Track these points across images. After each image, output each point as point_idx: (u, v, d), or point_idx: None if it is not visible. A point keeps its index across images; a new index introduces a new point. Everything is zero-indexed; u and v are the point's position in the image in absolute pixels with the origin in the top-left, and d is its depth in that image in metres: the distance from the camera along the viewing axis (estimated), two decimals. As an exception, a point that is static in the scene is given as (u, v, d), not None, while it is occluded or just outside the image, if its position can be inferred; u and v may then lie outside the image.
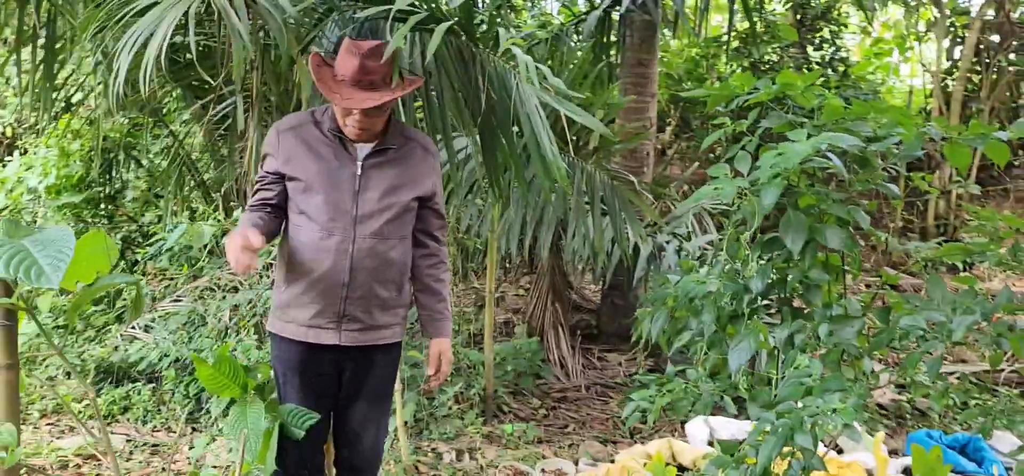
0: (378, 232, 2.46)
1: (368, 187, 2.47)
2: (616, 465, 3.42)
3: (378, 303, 2.51)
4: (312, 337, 2.48)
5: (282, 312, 2.53)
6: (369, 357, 2.58)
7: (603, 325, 6.54)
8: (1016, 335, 2.17)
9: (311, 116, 2.53)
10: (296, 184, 2.46)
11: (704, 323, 2.59)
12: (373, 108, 2.39)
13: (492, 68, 2.96)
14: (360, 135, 2.45)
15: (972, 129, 2.31)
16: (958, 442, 3.85)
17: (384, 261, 2.48)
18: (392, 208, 2.49)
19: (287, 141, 2.48)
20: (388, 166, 2.51)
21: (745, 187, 2.34)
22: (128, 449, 4.06)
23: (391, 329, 2.60)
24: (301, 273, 2.45)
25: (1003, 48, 9.07)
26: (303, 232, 2.45)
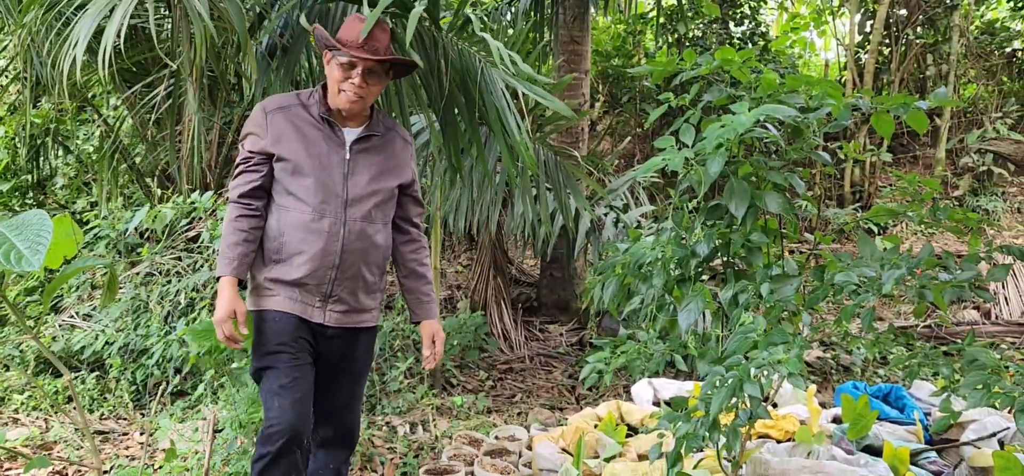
0: (367, 215, 2.51)
1: (357, 171, 2.51)
2: (569, 426, 3.57)
3: (363, 286, 2.55)
4: (298, 310, 2.49)
5: (264, 288, 2.51)
6: (352, 339, 2.61)
7: (543, 297, 6.70)
8: (937, 286, 2.38)
9: (297, 99, 2.54)
10: (285, 165, 2.45)
11: (655, 287, 2.74)
12: (372, 75, 2.45)
13: (455, 53, 3.04)
14: (353, 106, 2.47)
15: (895, 100, 2.49)
16: (881, 391, 4.13)
17: (371, 244, 2.53)
18: (379, 193, 2.54)
19: (276, 120, 2.47)
20: (374, 152, 2.56)
21: (691, 156, 2.48)
22: (77, 438, 4.01)
23: (371, 312, 2.63)
24: (289, 253, 2.45)
25: (911, 22, 9.56)
26: (292, 213, 2.45)
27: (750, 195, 2.48)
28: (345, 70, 2.44)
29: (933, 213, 2.66)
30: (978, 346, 2.45)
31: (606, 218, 5.54)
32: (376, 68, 2.48)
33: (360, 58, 2.43)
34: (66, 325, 4.76)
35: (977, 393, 2.27)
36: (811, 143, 2.66)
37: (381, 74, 2.51)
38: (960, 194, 9.27)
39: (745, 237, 2.61)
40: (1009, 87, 9.96)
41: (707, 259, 2.71)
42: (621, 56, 9.70)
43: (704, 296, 2.67)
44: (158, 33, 3.72)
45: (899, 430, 3.64)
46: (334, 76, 2.47)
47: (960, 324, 6.22)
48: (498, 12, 6.39)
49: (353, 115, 2.54)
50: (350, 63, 2.44)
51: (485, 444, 3.80)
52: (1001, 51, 9.81)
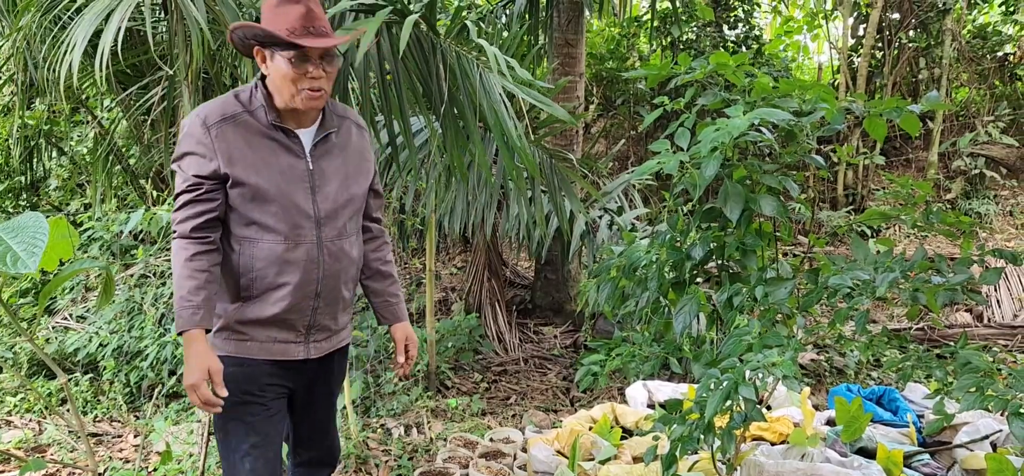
0: (342, 230, 2.21)
1: (324, 182, 2.16)
2: (564, 429, 3.57)
3: (342, 306, 2.29)
4: (277, 353, 2.19)
5: (234, 331, 2.16)
6: (328, 360, 2.37)
7: (537, 300, 6.71)
8: (930, 289, 2.39)
9: (237, 101, 2.10)
10: (243, 191, 2.05)
11: (650, 290, 2.75)
12: (329, 60, 2.09)
13: (454, 59, 3.05)
14: (316, 104, 2.09)
15: (888, 104, 2.51)
16: (874, 394, 4.15)
17: (347, 260, 2.24)
18: (353, 201, 2.23)
19: (224, 136, 2.04)
20: (336, 153, 2.21)
21: (686, 160, 2.50)
22: (70, 441, 4.00)
23: (346, 330, 2.40)
24: (262, 289, 2.12)
25: (903, 26, 9.60)
26: (261, 246, 2.10)
27: (745, 198, 2.49)
28: (297, 65, 2.03)
29: (926, 216, 2.68)
30: (970, 349, 2.47)
31: (601, 220, 5.55)
32: (333, 48, 2.09)
33: (313, 47, 2.02)
34: (60, 327, 4.75)
35: (970, 396, 2.29)
36: (805, 147, 2.68)
37: (334, 54, 2.12)
38: (952, 197, 9.31)
39: (740, 240, 2.63)
40: (1001, 91, 10.01)
41: (702, 262, 2.72)
42: (615, 59, 9.72)
43: (699, 299, 2.68)
44: (154, 35, 3.72)
45: (892, 432, 3.66)
46: (283, 75, 2.04)
47: (952, 327, 6.25)
48: (493, 14, 6.40)
49: (306, 115, 2.16)
50: (302, 56, 2.04)
51: (480, 446, 3.80)
52: (993, 55, 9.86)
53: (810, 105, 2.60)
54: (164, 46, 3.67)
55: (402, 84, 3.31)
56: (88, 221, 5.20)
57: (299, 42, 2.00)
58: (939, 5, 9.41)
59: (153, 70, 4.71)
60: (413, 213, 5.88)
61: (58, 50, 2.98)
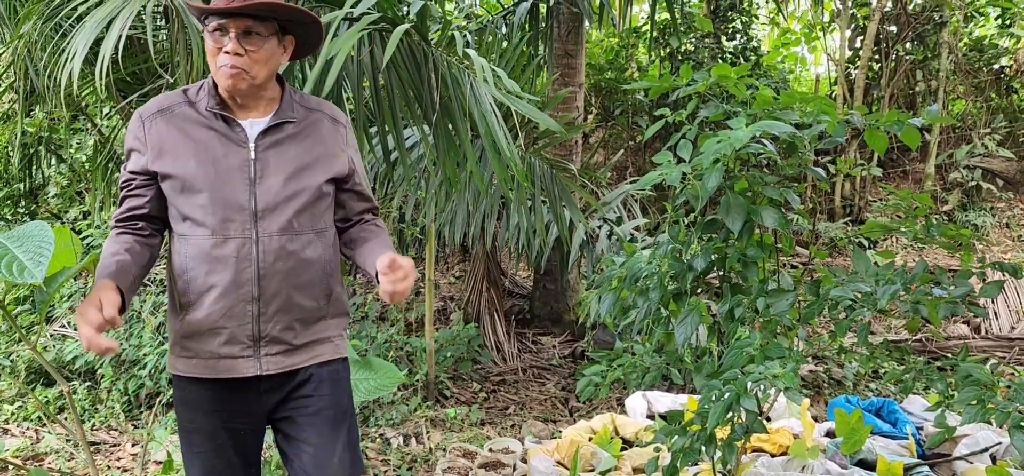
0: (286, 227, 1.95)
1: (267, 173, 1.95)
2: (564, 439, 3.57)
3: (300, 316, 2.00)
4: (224, 370, 1.95)
5: (180, 347, 1.99)
6: (306, 381, 2.04)
7: (536, 309, 6.71)
8: (932, 301, 2.40)
9: (183, 95, 1.99)
10: (172, 183, 1.92)
11: (651, 301, 2.76)
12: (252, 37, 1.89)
13: (445, 68, 3.06)
14: (235, 83, 1.89)
15: (889, 117, 2.52)
16: (874, 406, 4.16)
17: (300, 262, 1.97)
18: (301, 195, 1.97)
19: (156, 129, 1.94)
20: (289, 143, 1.99)
21: (688, 172, 2.50)
22: (69, 449, 3.99)
23: (327, 344, 2.07)
24: (197, 293, 1.93)
25: (901, 38, 9.64)
26: (191, 242, 1.93)
27: (746, 210, 2.50)
28: (216, 39, 1.88)
29: (927, 229, 2.69)
30: (971, 361, 2.47)
31: (600, 230, 5.56)
32: (256, 26, 1.89)
33: (229, 11, 1.85)
34: (58, 335, 4.73)
35: (972, 408, 2.29)
36: (806, 159, 2.69)
37: (267, 33, 1.92)
38: (949, 209, 9.34)
39: (741, 251, 2.63)
40: (997, 104, 10.05)
41: (704, 273, 2.73)
42: (614, 69, 9.74)
43: (700, 310, 2.69)
44: (154, 43, 3.72)
45: (892, 444, 3.66)
46: (209, 53, 1.92)
47: (950, 338, 6.26)
48: (493, 25, 6.42)
49: (250, 99, 1.97)
50: (220, 28, 1.88)
51: (479, 457, 3.80)
52: (989, 68, 9.91)
53: (811, 118, 2.61)
54: (164, 54, 3.67)
55: (395, 93, 3.32)
56: (87, 229, 5.19)
57: (204, 7, 1.86)
58: (936, 18, 9.45)
59: (153, 78, 4.72)
60: (413, 222, 5.88)
61: (59, 58, 2.99)
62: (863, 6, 9.93)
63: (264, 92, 1.99)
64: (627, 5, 6.29)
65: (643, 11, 10.32)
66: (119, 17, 2.48)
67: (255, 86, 1.93)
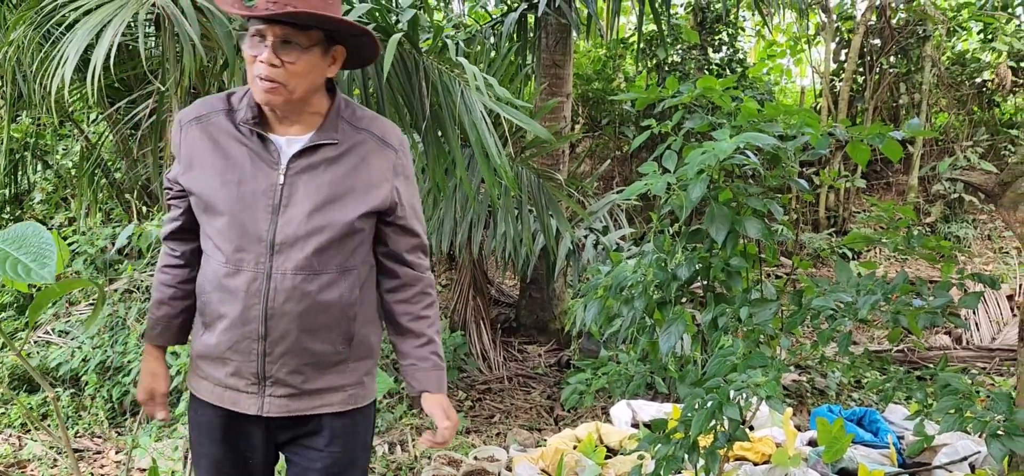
0: (304, 265, 1.75)
1: (293, 201, 1.75)
2: (549, 447, 3.59)
3: (312, 362, 1.82)
4: (228, 402, 1.85)
5: (196, 365, 1.92)
6: (315, 424, 1.88)
7: (522, 318, 6.73)
8: (912, 312, 2.44)
9: (226, 101, 1.83)
10: (197, 200, 1.80)
11: (636, 310, 2.78)
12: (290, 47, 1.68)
13: (436, 76, 3.08)
14: (270, 98, 1.71)
15: (871, 129, 2.56)
16: (855, 415, 4.20)
17: (315, 305, 1.77)
18: (325, 231, 1.76)
19: (190, 138, 1.80)
20: (325, 168, 1.77)
21: (673, 182, 2.54)
22: (52, 456, 3.97)
23: (344, 393, 1.87)
24: (211, 317, 1.83)
25: (884, 52, 9.75)
26: (210, 264, 1.82)
27: (730, 220, 2.53)
28: (255, 45, 1.70)
29: (908, 240, 2.74)
30: (950, 371, 2.51)
31: (586, 240, 5.59)
32: (293, 35, 1.68)
33: (266, 17, 1.65)
34: (42, 341, 4.71)
35: (950, 417, 2.33)
36: (790, 170, 2.73)
37: (309, 45, 1.70)
38: (932, 221, 9.44)
39: (725, 261, 2.66)
40: (979, 117, 10.18)
41: (688, 282, 2.75)
42: (601, 80, 9.80)
43: (684, 319, 2.71)
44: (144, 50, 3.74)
45: (873, 453, 3.70)
46: (247, 61, 1.73)
47: (931, 349, 6.33)
48: (482, 35, 6.45)
49: (291, 113, 1.77)
50: (258, 34, 1.69)
51: (464, 465, 3.81)
52: (971, 82, 10.04)
53: (795, 130, 2.65)
54: (154, 61, 3.68)
55: (385, 101, 3.35)
56: (73, 235, 5.17)
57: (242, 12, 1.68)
58: (919, 32, 9.57)
59: (141, 85, 4.72)
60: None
61: (48, 64, 2.99)
62: (848, 19, 10.04)
63: (307, 106, 1.78)
64: (614, 17, 6.35)
65: (631, 22, 10.39)
66: (111, 24, 2.49)
67: (293, 100, 1.73)
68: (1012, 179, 2.75)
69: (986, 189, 2.82)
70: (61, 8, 2.70)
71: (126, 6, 2.47)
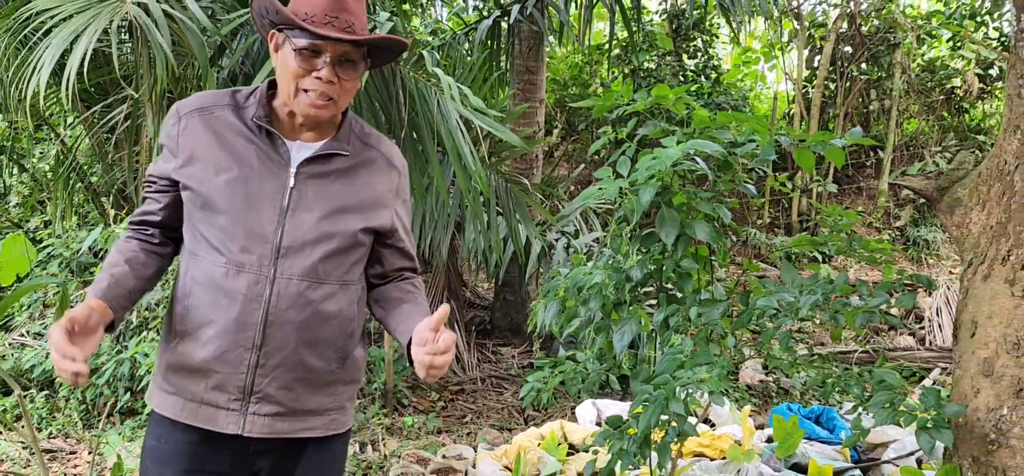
0: (310, 271, 1.70)
1: (302, 205, 1.71)
2: (513, 445, 3.69)
3: (305, 378, 1.73)
4: (203, 419, 1.70)
5: (163, 379, 1.75)
6: (294, 453, 1.79)
7: (496, 321, 6.83)
8: (850, 312, 2.56)
9: (231, 97, 1.78)
10: (193, 196, 1.71)
11: (591, 310, 2.89)
12: (348, 65, 1.70)
13: (413, 85, 3.18)
14: (320, 112, 1.71)
15: (815, 137, 2.68)
16: (814, 413, 4.33)
17: (317, 315, 1.72)
18: (333, 238, 1.73)
19: (191, 130, 1.73)
20: (335, 179, 1.76)
21: (626, 187, 2.64)
22: (24, 456, 4.03)
23: (324, 416, 1.79)
24: (195, 323, 1.70)
25: (855, 59, 9.94)
26: (202, 265, 1.70)
27: (680, 224, 2.64)
28: (306, 59, 1.67)
29: (850, 243, 2.86)
30: (887, 368, 2.63)
31: (558, 243, 5.70)
32: (353, 53, 1.71)
33: (330, 39, 1.66)
34: (16, 343, 4.76)
35: (884, 411, 2.44)
36: (741, 176, 2.84)
37: (359, 62, 1.73)
38: (902, 224, 9.62)
39: (676, 263, 2.77)
40: (949, 123, 10.39)
41: (641, 283, 2.86)
42: (578, 85, 9.93)
43: (638, 318, 2.82)
44: (119, 56, 3.81)
45: (828, 450, 3.82)
46: (289, 69, 1.69)
47: (895, 350, 6.47)
48: (456, 41, 6.55)
49: (315, 124, 1.77)
50: (313, 49, 1.67)
51: (432, 463, 3.90)
52: (941, 88, 10.24)
53: (744, 137, 2.76)
54: (128, 68, 3.76)
55: (363, 109, 3.44)
56: (48, 238, 5.22)
57: (314, 29, 1.64)
58: (889, 39, 9.76)
59: (117, 89, 4.79)
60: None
61: (24, 70, 3.07)
62: (820, 27, 10.22)
63: (332, 119, 1.79)
64: (585, 25, 6.46)
65: (608, 28, 10.52)
66: (85, 33, 2.57)
67: (333, 115, 1.75)
68: (949, 185, 2.87)
69: (926, 194, 2.94)
70: (37, 16, 2.77)
71: (100, 15, 2.56)
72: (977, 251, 2.65)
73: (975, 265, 2.64)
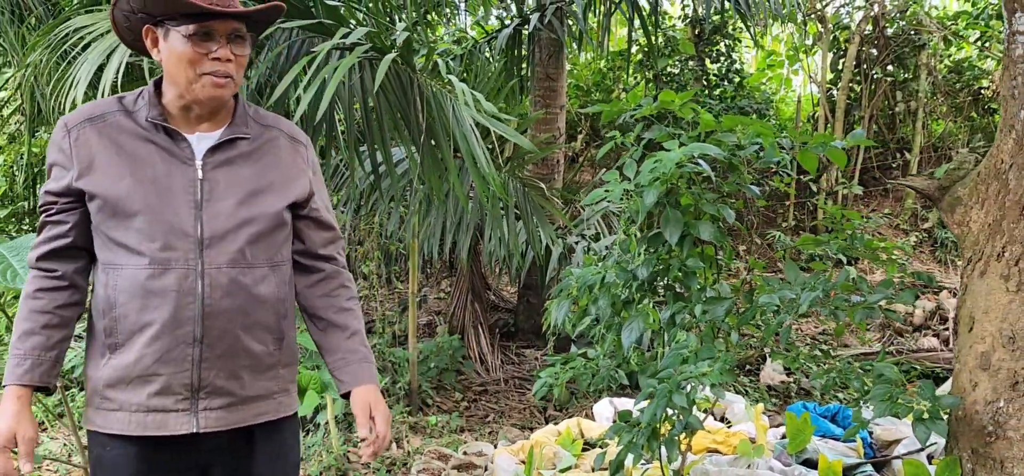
0: (238, 258, 1.71)
1: (216, 195, 1.71)
2: (530, 441, 3.80)
3: (248, 363, 1.75)
4: (153, 426, 1.68)
5: (102, 397, 1.70)
6: (246, 444, 1.81)
7: (520, 323, 6.95)
8: (851, 308, 2.64)
9: (118, 103, 1.74)
10: (101, 204, 1.65)
11: (600, 308, 3.00)
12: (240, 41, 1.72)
13: (429, 92, 3.32)
14: (222, 92, 1.70)
15: (817, 138, 2.77)
16: (829, 411, 4.38)
17: (251, 299, 1.73)
18: (255, 222, 1.74)
19: (85, 140, 1.67)
20: (242, 163, 1.76)
21: (631, 189, 2.75)
22: (66, 453, 4.22)
23: (273, 400, 1.81)
24: (127, 332, 1.66)
25: (880, 61, 9.91)
26: (123, 273, 1.66)
27: (683, 224, 2.74)
28: (199, 43, 1.66)
29: (851, 242, 2.94)
30: (887, 362, 2.71)
31: (578, 246, 5.81)
32: (241, 28, 1.72)
33: (217, 12, 1.65)
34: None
35: (883, 404, 2.52)
36: (747, 178, 2.93)
37: (246, 36, 1.75)
38: (929, 226, 9.57)
39: (682, 262, 2.88)
40: (977, 123, 10.31)
41: (648, 282, 2.97)
42: (600, 91, 10.02)
43: (646, 316, 2.93)
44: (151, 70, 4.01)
45: (841, 447, 3.88)
46: (179, 57, 1.67)
47: (919, 351, 6.48)
48: (478, 49, 6.70)
49: (212, 111, 1.75)
50: (205, 32, 1.66)
51: (453, 459, 4.03)
52: (969, 89, 10.17)
53: (748, 140, 2.86)
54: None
55: (383, 115, 3.59)
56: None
57: (207, 7, 1.63)
58: (915, 41, 9.72)
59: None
60: (398, 239, 6.13)
61: (63, 84, 3.26)
62: (844, 29, 10.21)
63: (226, 104, 1.78)
64: (605, 32, 6.57)
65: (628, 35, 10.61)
66: (120, 48, 2.74)
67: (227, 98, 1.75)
68: (950, 184, 2.94)
69: (928, 193, 3.01)
70: (75, 32, 2.96)
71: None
72: (976, 248, 2.72)
73: (973, 262, 2.71)
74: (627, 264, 3.02)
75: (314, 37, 3.53)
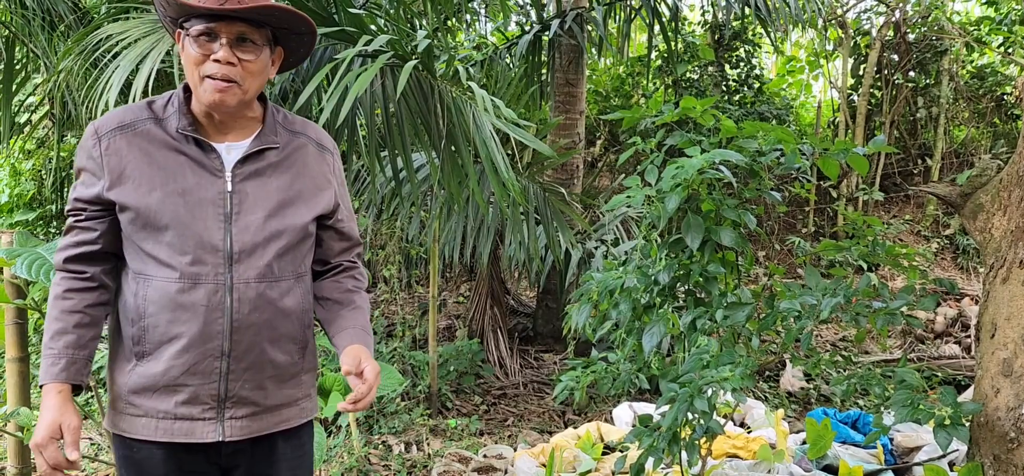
0: (266, 271, 1.72)
1: (245, 208, 1.72)
2: (550, 444, 3.82)
3: (273, 373, 1.78)
4: (180, 434, 1.71)
5: (127, 403, 1.72)
6: (267, 451, 1.84)
7: (539, 327, 6.97)
8: (872, 314, 2.65)
9: (148, 109, 1.74)
10: (131, 216, 1.67)
11: (621, 312, 3.02)
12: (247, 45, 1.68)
13: (450, 98, 3.36)
14: (223, 99, 1.67)
15: (838, 145, 2.78)
16: (850, 417, 4.38)
17: (277, 312, 1.75)
18: (283, 235, 1.75)
19: (115, 149, 1.68)
20: (272, 174, 1.76)
21: (653, 194, 2.78)
22: (93, 451, 4.29)
23: (295, 407, 1.85)
24: (155, 342, 1.68)
25: (901, 67, 9.86)
26: (154, 284, 1.67)
27: (704, 229, 2.76)
28: (203, 44, 1.65)
29: (872, 248, 2.94)
30: (908, 369, 2.71)
31: (597, 251, 5.83)
32: (251, 32, 1.69)
33: (223, 13, 1.63)
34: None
35: (904, 409, 2.53)
36: (767, 184, 2.95)
37: (261, 45, 1.71)
38: (951, 233, 9.50)
39: (703, 267, 2.90)
40: (1001, 129, 10.23)
41: (669, 287, 2.99)
42: (620, 96, 10.04)
43: (666, 321, 2.95)
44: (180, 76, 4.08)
45: (861, 453, 3.88)
46: (189, 60, 1.67)
47: (941, 357, 6.44)
48: (499, 55, 6.74)
49: (231, 119, 1.74)
50: (208, 32, 1.65)
51: (473, 462, 4.06)
52: (991, 95, 10.09)
53: (768, 146, 2.87)
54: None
55: (404, 121, 3.64)
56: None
57: (204, 6, 1.62)
58: (937, 47, 9.67)
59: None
60: (419, 244, 6.18)
61: (95, 90, 3.34)
62: (865, 35, 10.17)
63: (248, 111, 1.76)
64: (624, 39, 6.59)
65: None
66: (150, 55, 2.80)
67: (243, 102, 1.71)
68: (971, 190, 2.94)
69: (949, 200, 3.01)
70: (106, 40, 3.02)
71: (163, 38, 2.79)
72: (998, 255, 2.72)
73: (996, 268, 2.71)
74: (648, 269, 3.05)
75: (336, 44, 3.58)
